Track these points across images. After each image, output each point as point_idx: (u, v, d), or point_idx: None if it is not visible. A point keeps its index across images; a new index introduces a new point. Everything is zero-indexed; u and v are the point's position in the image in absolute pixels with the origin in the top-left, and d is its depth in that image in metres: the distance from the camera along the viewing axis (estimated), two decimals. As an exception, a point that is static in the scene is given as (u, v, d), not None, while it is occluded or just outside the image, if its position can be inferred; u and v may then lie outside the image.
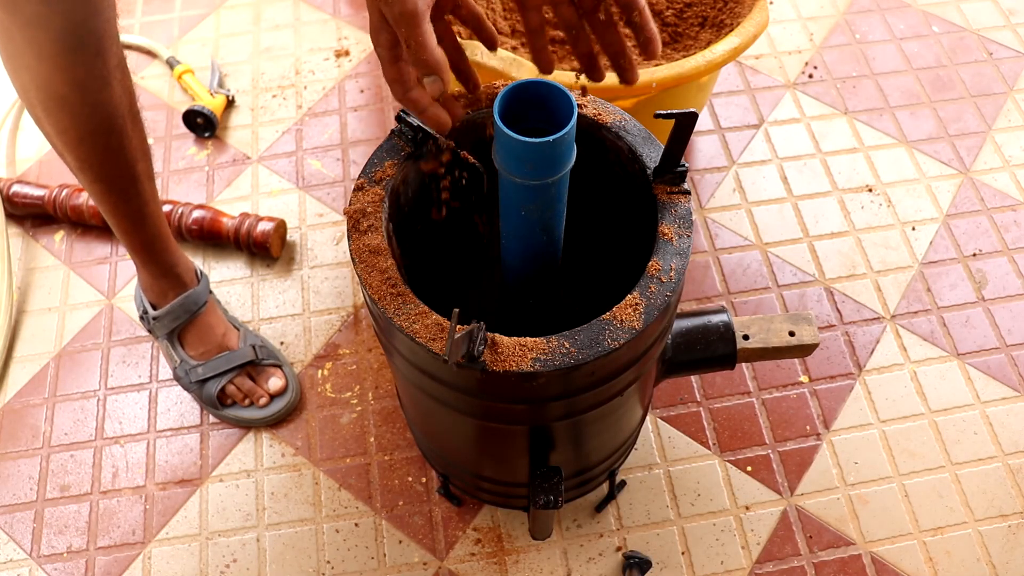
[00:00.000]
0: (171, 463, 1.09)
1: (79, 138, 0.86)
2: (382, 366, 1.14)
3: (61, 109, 0.83)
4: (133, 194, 0.94)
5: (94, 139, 0.86)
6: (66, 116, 0.84)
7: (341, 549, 1.02)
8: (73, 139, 0.86)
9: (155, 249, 1.02)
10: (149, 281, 1.07)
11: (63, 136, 0.86)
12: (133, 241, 1.00)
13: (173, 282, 1.06)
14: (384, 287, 0.68)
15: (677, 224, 0.71)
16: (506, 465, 0.88)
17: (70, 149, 0.87)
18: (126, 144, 0.89)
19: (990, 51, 1.43)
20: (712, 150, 1.32)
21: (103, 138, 0.87)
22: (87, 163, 0.89)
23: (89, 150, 0.87)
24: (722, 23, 1.14)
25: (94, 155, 0.88)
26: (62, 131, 0.85)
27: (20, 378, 1.15)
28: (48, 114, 0.84)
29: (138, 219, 0.97)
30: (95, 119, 0.85)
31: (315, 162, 1.32)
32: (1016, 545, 1.01)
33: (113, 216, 0.96)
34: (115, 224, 0.98)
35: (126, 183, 0.92)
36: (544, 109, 0.66)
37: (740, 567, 1.00)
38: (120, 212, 0.96)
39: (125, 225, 0.97)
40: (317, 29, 1.48)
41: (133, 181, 0.93)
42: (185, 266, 1.08)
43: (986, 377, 1.12)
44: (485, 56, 0.99)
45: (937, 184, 1.29)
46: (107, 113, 0.85)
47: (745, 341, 0.89)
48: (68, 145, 0.87)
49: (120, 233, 0.99)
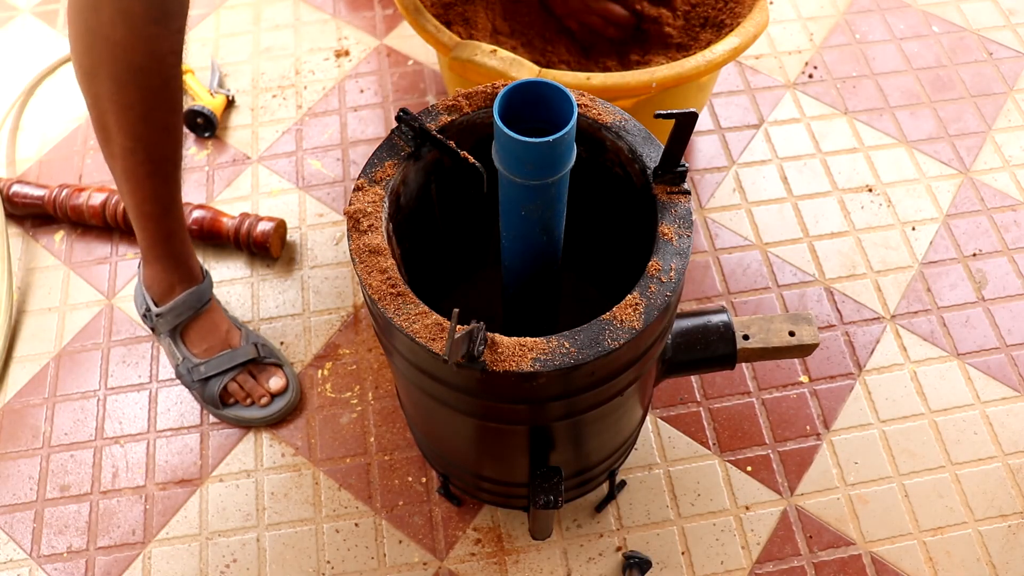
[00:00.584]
0: (171, 463, 1.09)
1: (143, 114, 0.87)
2: (382, 366, 1.14)
3: (133, 81, 0.84)
4: (173, 179, 0.95)
5: (156, 117, 0.87)
6: (136, 90, 0.84)
7: (341, 549, 1.03)
8: (136, 115, 0.87)
9: (175, 240, 1.03)
10: (158, 275, 1.06)
11: (127, 113, 0.86)
12: (157, 229, 1.00)
13: (183, 275, 1.06)
14: (384, 287, 0.68)
15: (677, 224, 0.71)
16: (506, 465, 0.88)
17: (129, 127, 0.87)
18: (178, 125, 0.91)
19: (990, 51, 1.43)
20: (712, 150, 1.32)
21: (164, 117, 0.88)
22: (142, 143, 0.89)
23: (150, 128, 0.88)
24: (722, 23, 1.14)
25: (152, 135, 0.89)
26: (127, 107, 0.86)
27: (20, 378, 1.15)
28: (118, 88, 0.84)
29: (169, 206, 0.98)
30: (165, 94, 0.86)
31: (315, 162, 1.33)
32: (1016, 545, 1.01)
33: (147, 203, 0.96)
34: (146, 211, 0.97)
35: (171, 167, 0.94)
36: (544, 109, 0.66)
37: (740, 567, 1.01)
38: (154, 198, 0.96)
39: (156, 213, 0.98)
40: (317, 29, 1.48)
41: (175, 164, 0.94)
42: (195, 260, 1.08)
43: (986, 377, 1.12)
44: (485, 56, 0.99)
45: (937, 184, 1.29)
46: (175, 89, 0.87)
47: (745, 341, 0.89)
48: (128, 124, 0.87)
49: (146, 221, 0.99)
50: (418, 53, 1.44)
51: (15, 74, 1.44)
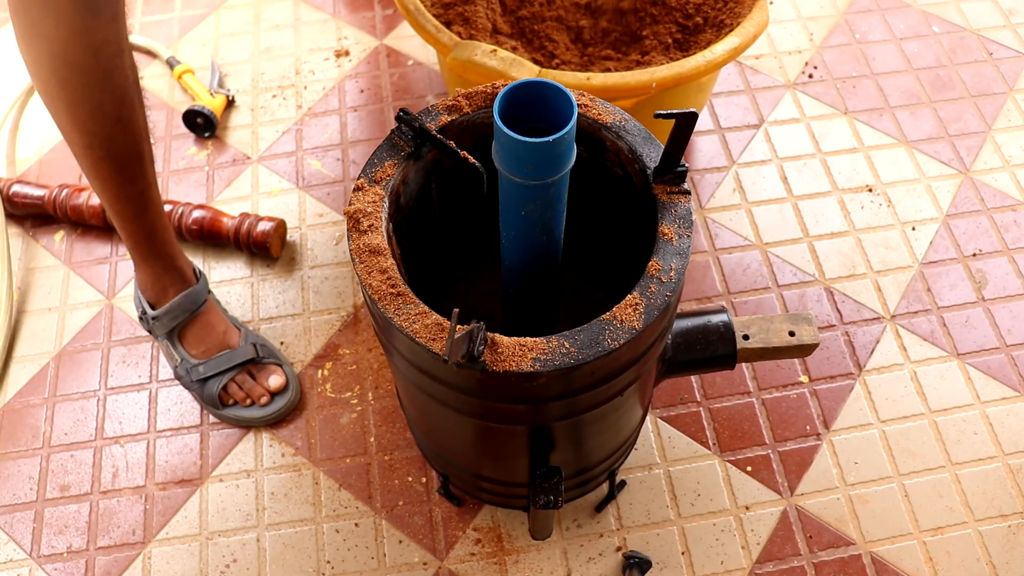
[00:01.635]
0: (171, 463, 1.09)
1: (90, 111, 0.85)
2: (382, 366, 1.14)
3: (76, 77, 0.82)
4: (139, 175, 0.93)
5: (104, 111, 0.86)
6: (80, 85, 0.83)
7: (341, 549, 1.03)
8: (86, 111, 0.85)
9: (156, 240, 1.01)
10: (149, 279, 1.06)
11: (75, 109, 0.85)
12: (135, 229, 0.99)
13: (173, 278, 1.06)
14: (384, 287, 0.68)
15: (677, 224, 0.71)
16: (506, 465, 0.88)
17: (80, 124, 0.86)
18: (135, 118, 0.89)
19: (990, 51, 1.43)
20: (712, 150, 1.32)
21: (114, 109, 0.86)
22: (97, 137, 0.88)
23: (99, 123, 0.87)
24: (722, 23, 1.14)
25: (104, 128, 0.87)
26: (75, 103, 0.85)
27: (20, 378, 1.15)
28: (62, 85, 0.83)
29: (141, 203, 0.96)
30: (107, 88, 0.84)
31: (315, 162, 1.33)
32: (1016, 545, 1.01)
33: (117, 201, 0.95)
34: (118, 211, 0.96)
35: (133, 162, 0.92)
36: (544, 109, 0.66)
37: (740, 567, 1.01)
38: (124, 195, 0.94)
39: (129, 211, 0.96)
40: (317, 29, 1.48)
41: (139, 160, 0.92)
42: (184, 261, 1.08)
43: (986, 377, 1.12)
44: (485, 56, 0.99)
45: (937, 184, 1.29)
46: (119, 81, 0.85)
47: (745, 341, 0.89)
48: (78, 119, 0.86)
49: (122, 221, 0.98)
50: (418, 53, 1.44)
51: (15, 74, 1.44)
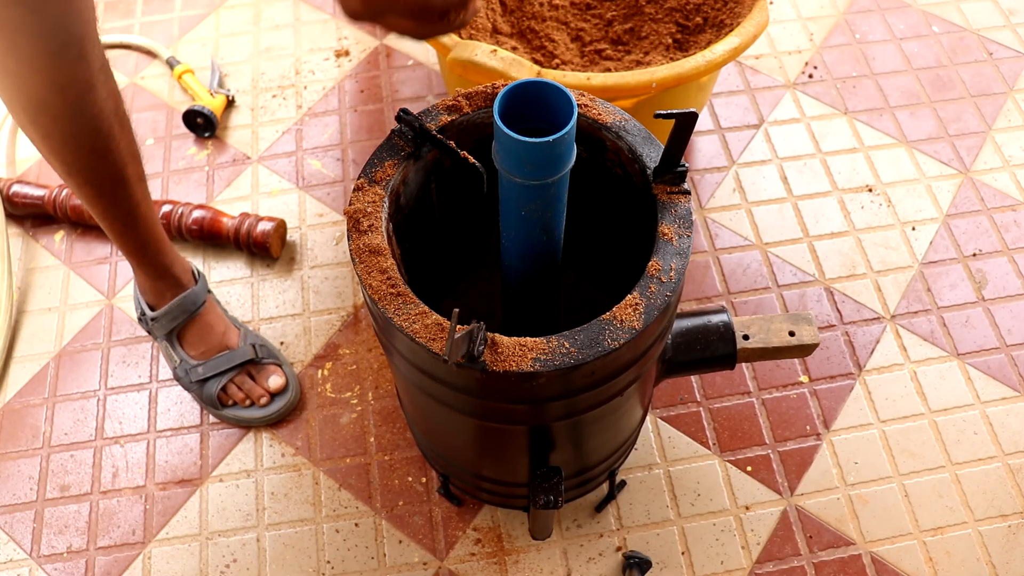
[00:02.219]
0: (171, 463, 1.09)
1: (63, 142, 0.85)
2: (382, 366, 1.14)
3: (44, 113, 0.82)
4: (122, 197, 0.93)
5: (78, 142, 0.86)
6: (49, 120, 0.83)
7: (341, 549, 1.02)
8: (57, 143, 0.85)
9: (149, 251, 1.02)
10: (146, 283, 1.06)
11: (47, 141, 0.85)
12: (126, 243, 1.00)
13: (170, 283, 1.06)
14: (384, 287, 0.68)
15: (677, 224, 0.71)
16: (506, 465, 0.88)
17: (55, 153, 0.87)
18: (113, 147, 0.88)
19: (990, 51, 1.43)
20: (712, 150, 1.32)
21: (88, 141, 0.86)
22: (73, 167, 0.88)
23: (74, 154, 0.87)
24: (722, 23, 1.14)
25: (80, 159, 0.87)
26: (46, 136, 0.85)
27: (20, 378, 1.15)
28: (31, 119, 0.83)
29: (129, 222, 0.97)
30: (78, 122, 0.84)
31: (315, 162, 1.33)
32: (1016, 545, 1.01)
33: (104, 219, 0.96)
34: (106, 227, 0.97)
35: (114, 186, 0.92)
36: (544, 109, 0.66)
37: (740, 567, 1.01)
38: (110, 215, 0.95)
39: (117, 228, 0.97)
40: (317, 29, 1.48)
41: (122, 184, 0.92)
42: (181, 267, 1.08)
43: (986, 377, 1.12)
44: (485, 56, 0.99)
45: (937, 184, 1.29)
46: (91, 116, 0.84)
47: (745, 341, 0.89)
48: (53, 149, 0.86)
49: (112, 235, 0.99)
50: (418, 53, 1.44)
51: (15, 74, 1.44)
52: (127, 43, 1.46)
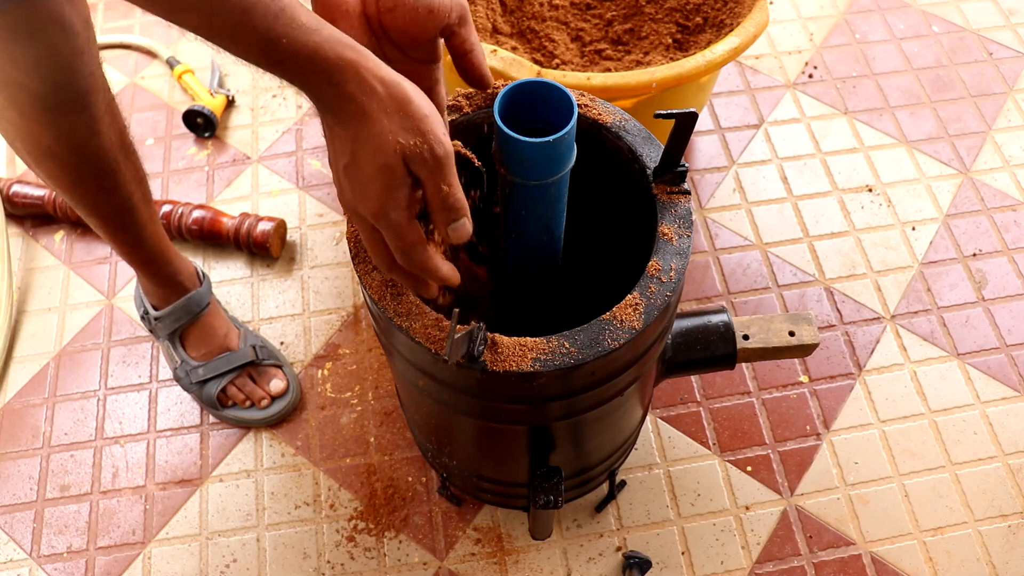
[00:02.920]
0: (171, 463, 1.09)
1: (71, 183, 0.86)
2: (382, 366, 1.14)
3: (49, 160, 0.82)
4: (130, 222, 0.94)
5: (85, 184, 0.86)
6: (55, 166, 0.83)
7: (341, 549, 1.02)
8: (65, 184, 0.86)
9: (156, 264, 1.03)
10: (150, 287, 1.07)
11: (54, 182, 0.86)
12: (132, 259, 1.01)
13: (174, 289, 1.07)
14: (384, 287, 0.68)
15: (677, 224, 0.71)
16: (506, 465, 0.88)
17: (63, 190, 0.88)
18: (120, 182, 0.88)
19: (990, 51, 1.43)
20: (712, 150, 1.32)
21: (95, 182, 0.87)
22: (82, 201, 0.89)
23: (81, 194, 0.88)
24: (722, 23, 1.14)
25: (87, 196, 0.88)
26: (53, 178, 0.85)
27: (20, 378, 1.15)
28: (38, 164, 0.84)
29: (136, 243, 0.98)
30: (84, 167, 0.84)
31: (315, 162, 1.33)
32: (1016, 545, 1.01)
33: (111, 241, 0.97)
34: (113, 247, 0.99)
35: (121, 215, 0.93)
36: (544, 109, 0.66)
37: (740, 567, 1.00)
38: (119, 238, 0.96)
39: (124, 248, 0.98)
40: (317, 29, 1.48)
41: (129, 212, 0.93)
42: (186, 273, 1.08)
43: (986, 377, 1.12)
44: (485, 56, 0.99)
45: (937, 184, 1.29)
46: (97, 158, 0.84)
47: (745, 341, 0.89)
48: (61, 188, 0.87)
49: (119, 253, 1.00)
50: (418, 53, 1.44)
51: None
52: (127, 43, 1.46)
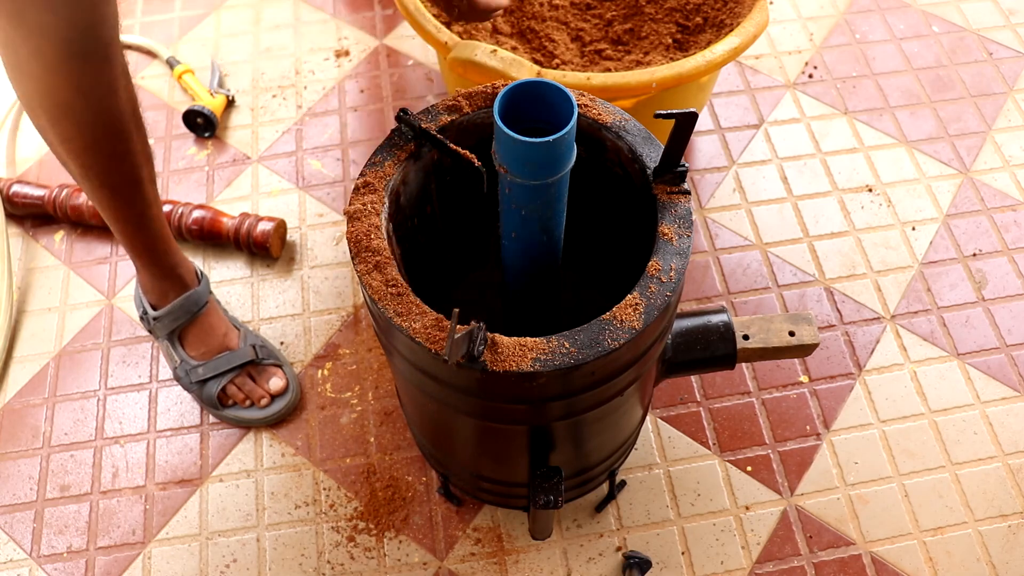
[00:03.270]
0: (171, 463, 1.09)
1: (84, 146, 0.86)
2: (382, 366, 1.14)
3: (66, 117, 0.83)
4: (136, 199, 0.94)
5: (99, 146, 0.86)
6: (71, 124, 0.83)
7: (341, 549, 1.02)
8: (78, 147, 0.86)
9: (157, 251, 1.02)
10: (150, 283, 1.07)
11: (68, 144, 0.86)
12: (134, 244, 1.00)
13: (174, 283, 1.06)
14: (384, 287, 0.68)
15: (677, 224, 0.71)
16: (506, 465, 0.88)
17: (74, 156, 0.87)
18: (131, 149, 0.89)
19: (990, 51, 1.43)
20: (712, 150, 1.32)
21: (108, 145, 0.87)
22: (92, 170, 0.89)
23: (94, 157, 0.87)
24: (722, 23, 1.14)
25: (99, 162, 0.88)
26: (67, 139, 0.85)
27: (20, 378, 1.15)
28: (53, 123, 0.84)
29: (140, 223, 0.97)
30: (100, 126, 0.85)
31: (315, 162, 1.33)
32: (1016, 545, 1.01)
33: (115, 221, 0.97)
34: (117, 228, 0.98)
35: (130, 188, 0.92)
36: (544, 109, 0.66)
37: (740, 567, 1.01)
38: (122, 217, 0.96)
39: (127, 229, 0.98)
40: (317, 29, 1.48)
41: (137, 185, 0.93)
42: (186, 267, 1.08)
43: (986, 377, 1.12)
44: (485, 56, 0.99)
45: (937, 184, 1.29)
46: (112, 119, 0.85)
47: (745, 341, 0.89)
48: (72, 153, 0.87)
49: (121, 237, 0.99)
50: (418, 53, 1.44)
51: (15, 74, 1.44)
52: (127, 43, 1.46)
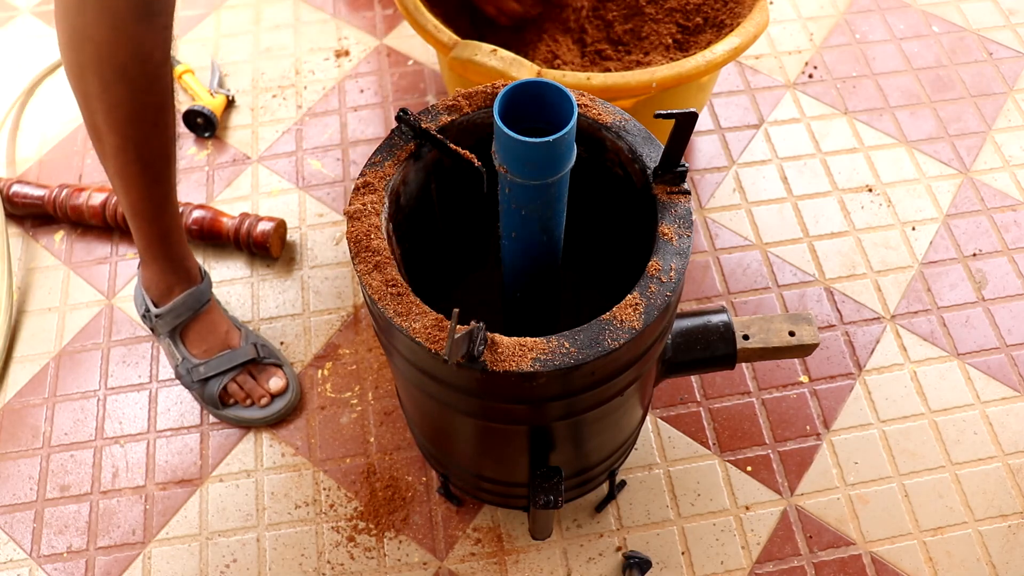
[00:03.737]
0: (171, 463, 1.09)
1: (131, 114, 0.86)
2: (382, 366, 1.14)
3: (120, 81, 0.83)
4: (164, 177, 0.95)
5: (144, 115, 0.87)
6: (124, 89, 0.84)
7: (341, 549, 1.02)
8: (124, 115, 0.86)
9: (171, 240, 1.02)
10: (155, 276, 1.06)
11: (114, 112, 0.86)
12: (151, 230, 1.00)
13: (181, 277, 1.06)
14: (384, 287, 0.68)
15: (677, 224, 0.71)
16: (506, 465, 0.88)
17: (117, 127, 0.87)
18: (170, 123, 0.90)
19: (990, 51, 1.43)
20: (712, 150, 1.32)
21: (153, 114, 0.87)
22: (132, 142, 0.89)
23: (137, 127, 0.88)
24: (722, 23, 1.14)
25: (140, 133, 0.88)
26: (115, 106, 0.85)
27: (20, 378, 1.15)
28: (105, 88, 0.84)
29: (162, 204, 0.97)
30: (151, 94, 0.86)
31: (315, 162, 1.33)
32: (1016, 545, 1.01)
33: (140, 202, 0.96)
34: (138, 211, 0.97)
35: (162, 163, 0.93)
36: (544, 109, 0.66)
37: (740, 567, 1.01)
38: (147, 196, 0.96)
39: (149, 212, 0.98)
40: (317, 29, 1.48)
41: (168, 161, 0.94)
42: (193, 261, 1.08)
43: (986, 377, 1.12)
44: (485, 56, 0.99)
45: (937, 184, 1.29)
46: (162, 88, 0.86)
47: (745, 341, 0.89)
48: (117, 122, 0.87)
49: (139, 221, 0.99)
50: (418, 53, 1.44)
51: (15, 74, 1.44)
52: (127, 43, 1.46)
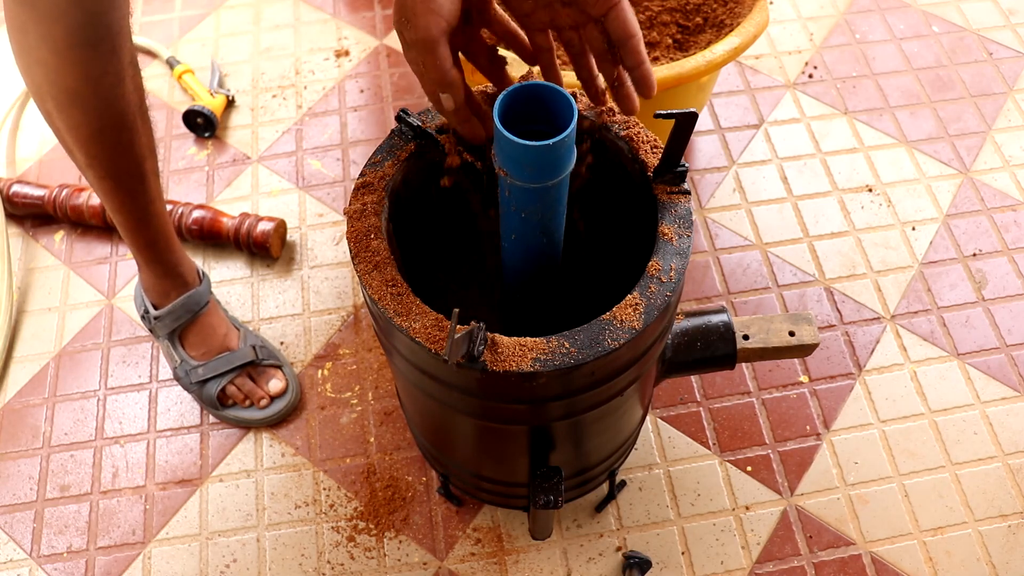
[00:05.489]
0: (171, 463, 1.09)
1: (90, 134, 0.86)
2: (382, 366, 1.14)
3: (73, 105, 0.83)
4: (140, 192, 0.94)
5: (104, 136, 0.86)
6: (78, 112, 0.83)
7: (341, 549, 1.02)
8: (84, 135, 0.86)
9: (159, 248, 1.02)
10: (151, 281, 1.06)
11: (74, 132, 0.86)
12: (137, 239, 1.00)
13: (176, 282, 1.06)
14: (384, 287, 0.68)
15: (677, 224, 0.71)
16: (506, 465, 0.88)
17: (80, 145, 0.87)
18: (136, 141, 0.89)
19: (990, 51, 1.43)
20: (712, 150, 1.32)
21: (114, 134, 0.87)
22: (96, 159, 0.89)
23: (99, 147, 0.87)
24: (722, 23, 1.14)
25: (104, 152, 0.88)
26: (73, 127, 0.85)
27: (20, 378, 1.15)
28: (60, 110, 0.84)
29: (143, 217, 0.97)
30: (107, 115, 0.85)
31: (315, 162, 1.33)
32: (1016, 545, 1.01)
33: (118, 214, 0.96)
34: (120, 222, 0.98)
35: (134, 181, 0.92)
36: (544, 111, 0.65)
37: (740, 567, 1.01)
38: (126, 210, 0.96)
39: (130, 223, 0.98)
40: (317, 29, 1.48)
41: (140, 179, 0.93)
42: (188, 266, 1.08)
43: (986, 377, 1.12)
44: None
45: (937, 184, 1.29)
46: (119, 109, 0.85)
47: (745, 341, 0.89)
48: (78, 141, 0.87)
49: (124, 231, 0.99)
50: (418, 53, 1.44)
51: (15, 74, 1.44)
52: (127, 43, 1.46)
